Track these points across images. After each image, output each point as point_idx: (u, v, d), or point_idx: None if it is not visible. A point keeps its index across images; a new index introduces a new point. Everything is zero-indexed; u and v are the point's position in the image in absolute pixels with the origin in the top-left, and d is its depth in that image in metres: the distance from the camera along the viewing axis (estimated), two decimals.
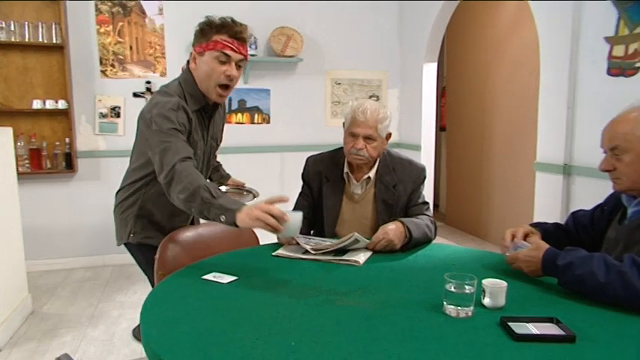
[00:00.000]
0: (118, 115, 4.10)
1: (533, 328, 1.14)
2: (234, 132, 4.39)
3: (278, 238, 1.85)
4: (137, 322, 3.09)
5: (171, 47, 4.18)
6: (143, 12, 4.08)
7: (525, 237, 1.65)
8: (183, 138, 1.74)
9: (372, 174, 2.07)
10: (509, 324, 1.15)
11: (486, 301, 1.29)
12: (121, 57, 4.07)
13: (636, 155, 1.48)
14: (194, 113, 1.87)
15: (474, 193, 5.28)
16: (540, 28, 3.12)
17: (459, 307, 1.24)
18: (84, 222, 4.14)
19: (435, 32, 4.29)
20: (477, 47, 5.13)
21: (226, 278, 1.49)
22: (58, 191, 4.06)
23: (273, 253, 1.77)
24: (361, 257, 1.71)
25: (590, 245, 1.65)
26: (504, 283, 1.30)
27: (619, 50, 2.63)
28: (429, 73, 4.46)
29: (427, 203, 2.15)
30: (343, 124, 2.09)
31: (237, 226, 1.49)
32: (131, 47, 4.08)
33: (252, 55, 4.22)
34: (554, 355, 1.04)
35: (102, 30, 4.01)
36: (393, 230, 1.82)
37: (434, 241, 2.00)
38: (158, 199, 1.91)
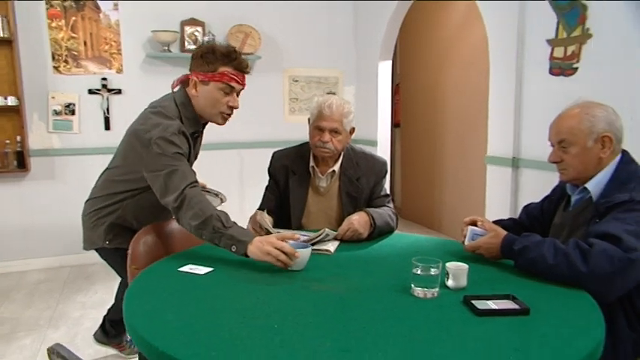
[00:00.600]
0: (72, 113, 4.00)
1: (492, 304, 1.26)
2: None
3: None
4: (100, 321, 3.06)
5: (128, 44, 4.11)
6: (97, 7, 4.00)
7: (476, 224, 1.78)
8: (187, 162, 1.78)
9: (336, 167, 2.16)
10: (472, 301, 1.26)
11: (450, 282, 1.40)
12: (75, 53, 3.97)
13: (581, 148, 1.63)
14: (193, 136, 1.92)
15: (427, 187, 5.49)
16: (489, 29, 3.31)
17: (426, 289, 1.34)
18: (38, 222, 4.02)
19: (390, 31, 4.44)
20: (428, 46, 5.33)
21: (202, 270, 1.54)
22: (9, 191, 3.92)
23: None
24: (330, 247, 1.80)
25: (542, 233, 1.80)
26: (466, 266, 1.42)
27: (559, 52, 2.84)
28: (384, 70, 4.60)
29: (389, 195, 2.26)
30: (309, 119, 2.17)
31: (247, 256, 1.56)
32: (85, 43, 3.99)
33: None
34: (512, 326, 1.16)
35: (54, 24, 3.90)
36: (357, 220, 1.92)
37: (395, 232, 2.11)
38: (140, 212, 1.95)
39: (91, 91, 4.04)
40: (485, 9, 3.33)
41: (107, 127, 4.11)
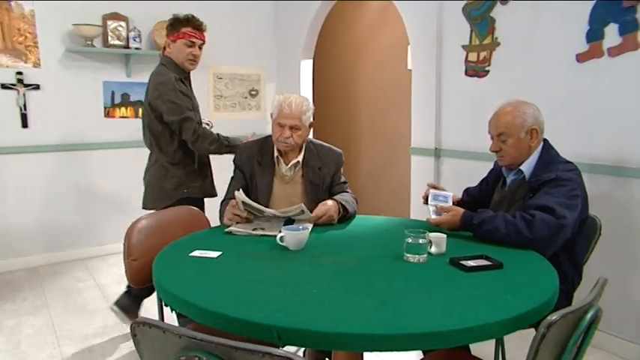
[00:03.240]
0: None
1: (473, 263, 1.56)
2: (118, 127, 4.29)
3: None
4: (42, 327, 2.95)
5: (45, 36, 3.91)
6: None
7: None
8: (191, 106, 2.66)
9: (300, 158, 2.37)
10: (460, 262, 1.55)
11: (433, 249, 1.68)
12: None
13: (516, 139, 2.00)
14: (183, 81, 2.69)
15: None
16: (410, 32, 3.69)
17: (417, 255, 1.61)
18: None
19: (312, 30, 4.69)
20: (343, 45, 5.67)
21: (213, 254, 1.67)
22: None
23: (226, 230, 1.97)
24: (278, 230, 1.95)
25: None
26: (444, 235, 1.71)
27: (473, 56, 3.30)
28: (306, 69, 4.85)
29: (347, 182, 2.51)
30: (271, 115, 2.35)
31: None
32: None
33: (136, 49, 4.16)
34: (493, 277, 1.46)
35: None
36: (331, 206, 2.15)
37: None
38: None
39: (4, 86, 3.78)
40: (405, 13, 3.71)
41: (24, 124, 3.88)
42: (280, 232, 1.81)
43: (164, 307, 1.83)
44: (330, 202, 2.18)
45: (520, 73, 2.99)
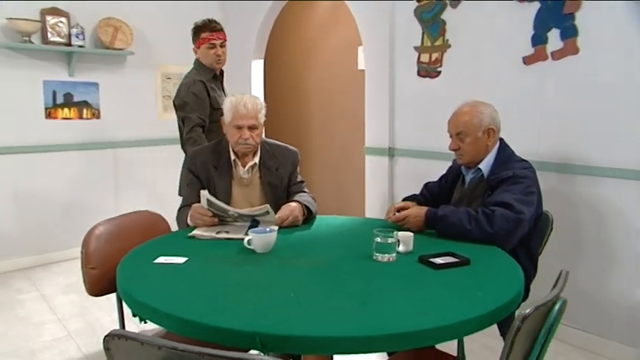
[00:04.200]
0: None
1: (441, 260, 1.60)
2: (61, 128, 4.08)
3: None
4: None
5: None
6: None
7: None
8: (203, 104, 2.88)
9: (257, 160, 2.34)
10: (428, 260, 1.58)
11: (401, 248, 1.70)
12: None
13: (474, 138, 2.07)
14: (210, 80, 2.98)
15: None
16: (362, 33, 3.74)
17: (387, 254, 1.62)
18: None
19: (263, 31, 4.65)
20: (294, 45, 5.65)
21: (179, 259, 1.61)
22: None
23: (189, 235, 1.92)
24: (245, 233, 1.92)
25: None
26: (411, 234, 1.74)
27: (425, 57, 3.38)
28: (257, 69, 4.81)
29: (304, 181, 2.51)
30: (222, 119, 2.30)
31: None
32: None
33: (79, 47, 3.97)
34: (462, 273, 1.50)
35: None
36: (295, 207, 2.14)
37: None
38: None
39: None
40: (358, 14, 3.74)
41: None
42: (246, 234, 1.78)
43: (124, 316, 1.77)
44: (293, 203, 2.16)
45: (471, 74, 3.09)
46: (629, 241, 2.50)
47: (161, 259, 1.61)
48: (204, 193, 1.95)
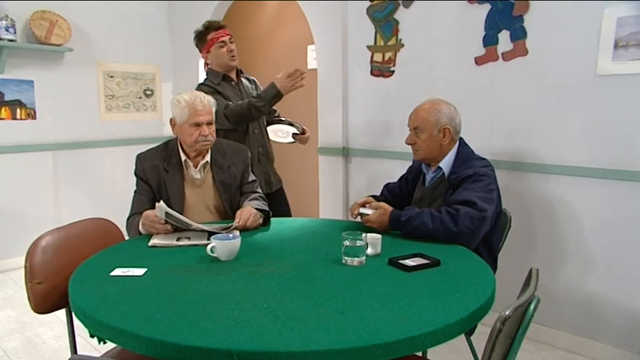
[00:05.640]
0: None
1: (411, 262, 1.58)
2: None
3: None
4: None
5: None
6: None
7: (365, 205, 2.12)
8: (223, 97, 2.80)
9: (208, 158, 2.26)
10: (399, 262, 1.56)
11: (369, 250, 1.67)
12: None
13: (428, 135, 2.08)
14: (220, 83, 2.88)
15: None
16: (314, 32, 3.69)
17: (356, 258, 1.59)
18: None
19: None
20: (243, 44, 5.52)
21: (137, 271, 1.50)
22: None
23: (149, 244, 1.81)
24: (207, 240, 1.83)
25: (403, 206, 2.21)
26: (379, 236, 1.71)
27: (378, 57, 3.38)
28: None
29: (256, 180, 2.44)
30: (172, 119, 2.20)
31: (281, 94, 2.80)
32: None
33: (9, 41, 3.68)
34: (434, 275, 1.48)
35: None
36: (252, 209, 2.07)
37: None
38: None
39: None
40: (309, 13, 3.70)
41: None
42: (208, 240, 1.69)
43: (74, 335, 1.64)
44: (248, 207, 2.11)
45: (424, 74, 3.12)
46: (578, 236, 2.60)
47: (118, 271, 1.50)
48: (162, 206, 1.83)
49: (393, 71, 3.30)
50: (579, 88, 2.51)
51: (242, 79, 3.07)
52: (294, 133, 3.19)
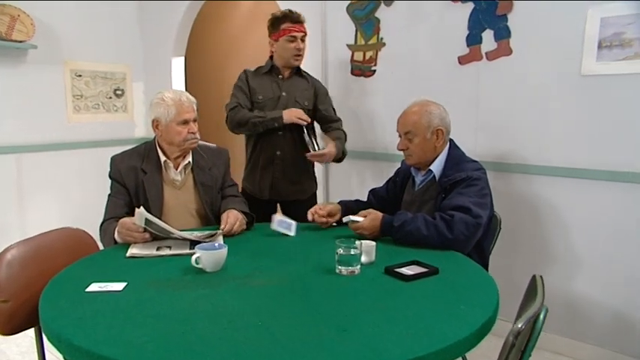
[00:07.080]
0: None
1: (409, 270, 1.50)
2: None
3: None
4: None
5: None
6: None
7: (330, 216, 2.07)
8: (241, 96, 2.78)
9: (189, 159, 2.16)
10: (396, 270, 1.48)
11: (364, 258, 1.59)
12: None
13: (422, 139, 2.02)
14: (264, 75, 2.77)
15: None
16: None
17: (350, 267, 1.50)
18: None
19: (183, 28, 4.36)
20: (217, 42, 5.39)
21: (116, 286, 1.38)
22: None
23: (127, 254, 1.69)
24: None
25: (390, 210, 2.14)
26: (374, 243, 1.63)
27: (359, 56, 3.31)
28: (178, 66, 4.51)
29: (236, 184, 2.35)
30: (155, 120, 2.09)
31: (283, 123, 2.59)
32: None
33: None
34: (434, 284, 1.41)
35: None
36: (238, 213, 1.99)
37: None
38: None
39: None
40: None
41: None
42: (190, 249, 1.59)
43: (44, 356, 1.51)
44: (233, 210, 2.02)
45: (406, 74, 3.06)
46: (561, 236, 2.58)
47: (95, 287, 1.37)
48: (142, 212, 1.71)
49: (374, 71, 3.23)
50: (564, 89, 2.50)
51: (296, 76, 2.81)
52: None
